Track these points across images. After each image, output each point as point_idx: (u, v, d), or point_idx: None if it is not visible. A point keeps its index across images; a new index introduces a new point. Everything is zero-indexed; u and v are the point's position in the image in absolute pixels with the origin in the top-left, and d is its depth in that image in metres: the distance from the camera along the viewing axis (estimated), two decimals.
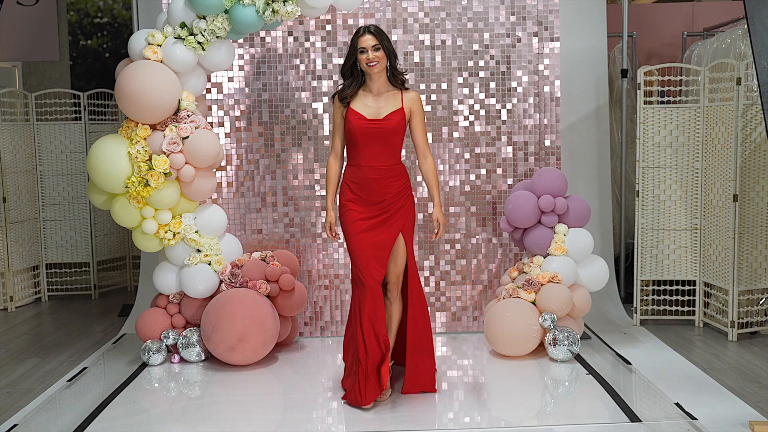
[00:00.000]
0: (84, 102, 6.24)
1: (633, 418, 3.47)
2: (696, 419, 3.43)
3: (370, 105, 3.77)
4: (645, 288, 5.25)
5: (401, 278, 3.86)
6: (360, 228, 3.76)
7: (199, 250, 4.43)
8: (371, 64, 3.68)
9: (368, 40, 3.68)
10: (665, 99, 5.30)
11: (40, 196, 6.24)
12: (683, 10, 7.06)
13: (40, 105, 6.27)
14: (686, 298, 5.18)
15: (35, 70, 7.15)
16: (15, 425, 3.56)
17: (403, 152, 4.52)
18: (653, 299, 5.31)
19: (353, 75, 3.79)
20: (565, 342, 4.28)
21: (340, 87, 3.85)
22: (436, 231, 3.85)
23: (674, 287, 5.20)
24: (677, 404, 3.61)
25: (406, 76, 3.88)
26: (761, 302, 4.91)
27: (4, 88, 6.14)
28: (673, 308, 5.20)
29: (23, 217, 6.12)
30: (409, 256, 3.83)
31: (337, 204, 3.94)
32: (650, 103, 5.16)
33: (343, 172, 3.90)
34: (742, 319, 4.83)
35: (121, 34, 7.14)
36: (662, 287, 5.24)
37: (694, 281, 5.12)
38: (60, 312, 5.99)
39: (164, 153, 4.21)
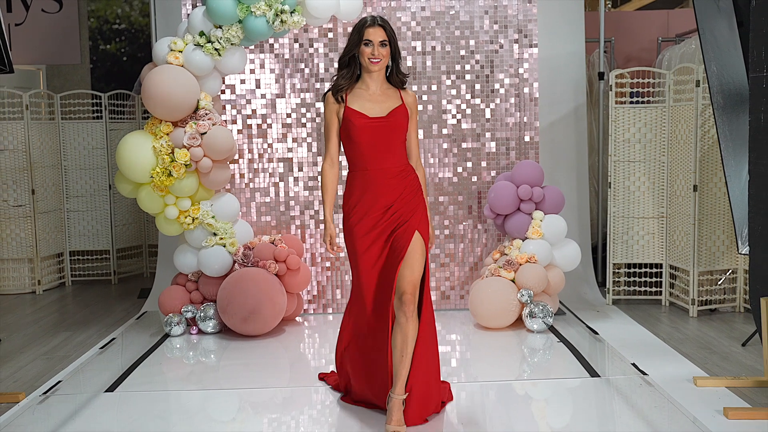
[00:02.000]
0: (105, 102, 6.77)
1: (593, 374, 4.03)
2: (647, 374, 3.98)
3: (371, 103, 3.39)
4: (617, 271, 5.79)
5: (418, 289, 3.29)
6: (367, 244, 3.35)
7: (215, 234, 4.97)
8: (374, 60, 3.31)
9: (377, 34, 3.30)
10: (635, 99, 5.83)
11: (65, 188, 6.76)
12: (659, 17, 7.61)
13: (64, 105, 6.80)
14: (654, 279, 5.71)
15: (58, 72, 7.69)
16: (59, 381, 4.11)
17: None
18: (625, 281, 5.84)
19: (350, 66, 3.41)
20: (540, 315, 4.82)
21: (333, 78, 3.48)
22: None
23: (643, 270, 5.73)
24: (633, 364, 4.16)
25: (407, 77, 3.53)
26: (720, 282, 5.44)
27: (30, 90, 6.68)
28: (643, 289, 5.73)
29: (49, 208, 6.64)
30: (426, 265, 3.35)
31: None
32: (622, 103, 5.69)
33: (346, 181, 3.50)
34: (703, 297, 5.36)
35: (138, 39, 7.69)
36: (633, 270, 5.78)
37: (661, 264, 5.65)
38: (83, 295, 6.51)
39: (185, 147, 4.74)
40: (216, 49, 4.75)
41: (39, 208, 6.53)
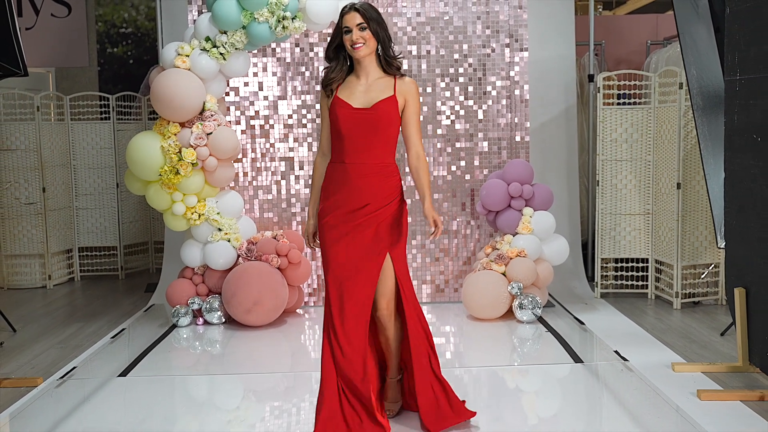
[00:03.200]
0: (112, 103, 7.01)
1: (577, 360, 4.27)
2: (627, 360, 4.22)
3: (359, 93, 3.24)
4: (605, 266, 6.03)
5: (393, 300, 3.30)
6: (338, 249, 3.24)
7: (220, 229, 5.21)
8: (356, 45, 3.17)
9: (353, 19, 3.18)
10: (621, 101, 6.07)
11: (74, 187, 6.99)
12: (648, 21, 7.85)
13: (73, 106, 7.02)
14: (641, 273, 5.95)
15: (67, 74, 7.93)
16: (74, 367, 4.36)
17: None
18: (613, 275, 6.08)
19: (338, 59, 3.29)
20: (529, 306, 5.07)
21: (323, 71, 3.38)
22: (432, 231, 3.22)
23: (630, 264, 5.97)
24: (616, 351, 4.40)
25: (402, 61, 3.36)
26: (703, 276, 5.68)
27: (40, 92, 6.92)
28: (630, 283, 5.97)
29: (59, 206, 6.88)
30: (400, 277, 3.27)
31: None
32: (609, 104, 5.93)
33: (326, 170, 3.35)
34: (687, 290, 5.60)
35: (144, 42, 7.94)
36: (620, 264, 6.02)
37: (647, 259, 5.89)
38: (92, 289, 6.74)
39: (192, 146, 4.98)
40: (221, 54, 4.99)
41: (49, 206, 6.76)
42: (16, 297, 6.42)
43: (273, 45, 5.59)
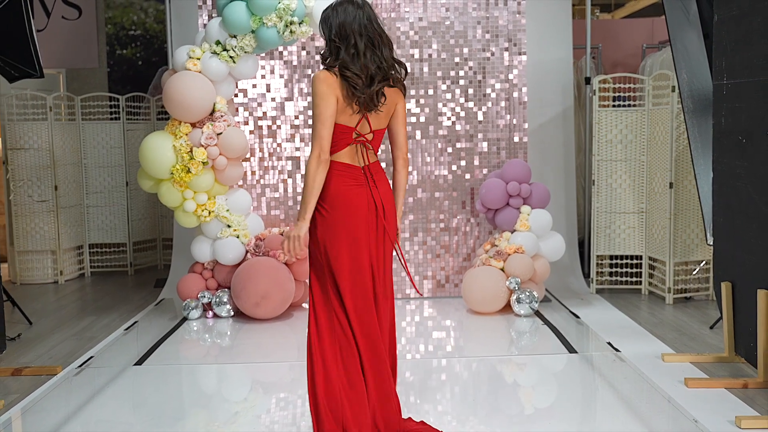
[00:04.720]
0: (122, 104, 7.20)
1: (571, 350, 4.47)
2: (619, 351, 4.42)
3: None
4: (601, 262, 6.23)
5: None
6: None
7: (229, 226, 5.41)
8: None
9: None
10: (617, 104, 6.27)
11: (85, 185, 7.18)
12: (644, 25, 8.05)
13: (84, 107, 7.22)
14: (635, 270, 6.14)
15: (77, 76, 8.12)
16: (91, 357, 4.56)
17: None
18: (608, 271, 6.28)
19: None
20: (527, 301, 5.27)
21: None
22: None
23: (625, 261, 6.17)
24: (609, 343, 4.60)
25: (329, 53, 3.07)
26: (695, 272, 5.87)
27: (52, 92, 7.11)
28: (624, 279, 6.17)
29: (71, 203, 7.08)
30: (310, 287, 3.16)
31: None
32: (605, 106, 6.13)
33: None
34: (679, 286, 5.80)
35: (152, 44, 8.14)
36: (615, 261, 6.22)
37: (641, 256, 6.09)
38: (102, 285, 6.94)
39: (202, 146, 5.18)
40: (231, 57, 5.19)
41: (61, 204, 6.95)
42: (29, 292, 6.62)
43: (280, 48, 5.78)
